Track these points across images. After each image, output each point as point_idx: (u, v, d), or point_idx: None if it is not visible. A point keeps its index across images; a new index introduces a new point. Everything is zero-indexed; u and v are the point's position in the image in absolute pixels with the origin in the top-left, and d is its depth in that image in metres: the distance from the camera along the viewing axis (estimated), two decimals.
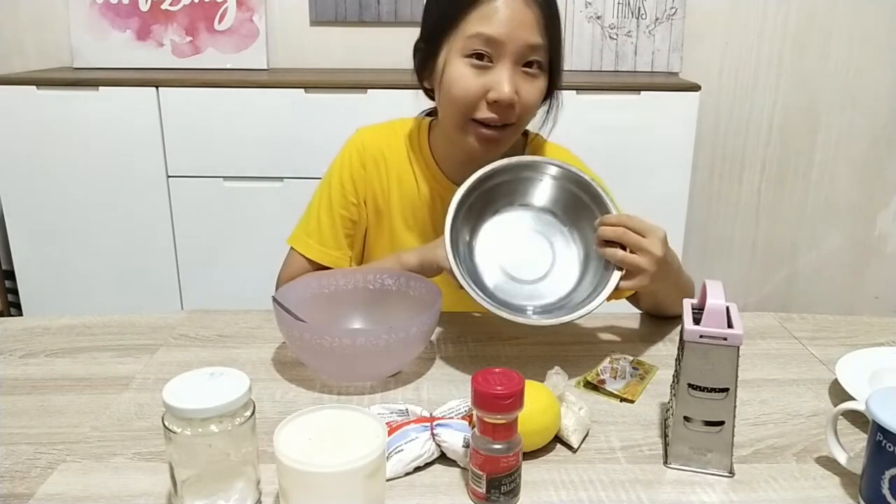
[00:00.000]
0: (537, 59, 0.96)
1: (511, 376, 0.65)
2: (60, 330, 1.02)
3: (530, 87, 0.97)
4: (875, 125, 2.46)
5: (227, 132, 2.01)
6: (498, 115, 0.96)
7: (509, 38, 0.93)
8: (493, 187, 0.97)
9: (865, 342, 1.00)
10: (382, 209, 1.13)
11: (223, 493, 0.63)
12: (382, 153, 1.12)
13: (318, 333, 0.82)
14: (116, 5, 2.25)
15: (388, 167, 1.12)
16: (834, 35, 2.37)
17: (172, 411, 0.60)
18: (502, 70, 0.95)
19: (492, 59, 0.95)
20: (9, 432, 0.77)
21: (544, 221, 0.98)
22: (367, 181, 1.12)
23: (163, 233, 2.08)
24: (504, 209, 0.98)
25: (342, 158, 1.14)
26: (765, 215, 2.55)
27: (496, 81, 0.95)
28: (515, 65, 0.95)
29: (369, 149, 1.12)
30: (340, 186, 1.12)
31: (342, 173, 1.13)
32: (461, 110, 0.98)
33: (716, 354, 0.67)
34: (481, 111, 0.97)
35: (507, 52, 0.94)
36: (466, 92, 0.96)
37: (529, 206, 0.99)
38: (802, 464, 0.73)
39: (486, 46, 0.94)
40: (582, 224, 0.97)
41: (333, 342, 0.81)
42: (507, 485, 0.65)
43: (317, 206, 1.14)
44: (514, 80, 0.95)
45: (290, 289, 0.93)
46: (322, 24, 2.33)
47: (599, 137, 2.01)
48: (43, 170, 2.04)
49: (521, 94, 0.96)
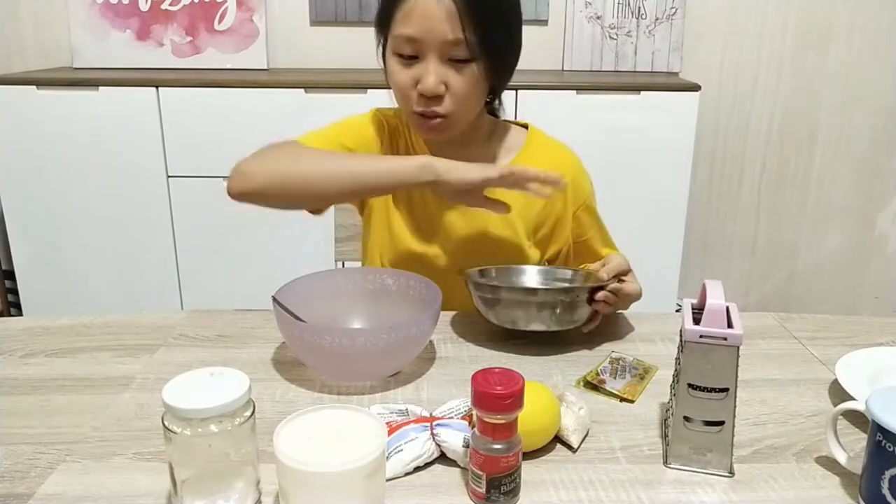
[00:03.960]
0: (459, 51, 0.97)
1: (511, 376, 0.65)
2: (60, 330, 1.02)
3: (459, 77, 0.99)
4: (875, 125, 2.46)
5: (227, 132, 2.01)
6: (427, 109, 1.01)
7: (427, 35, 0.97)
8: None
9: (865, 342, 1.00)
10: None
11: (223, 493, 0.63)
12: (396, 130, 1.15)
13: (318, 333, 0.82)
14: (116, 5, 2.26)
15: (397, 143, 1.15)
16: (834, 35, 2.37)
17: (172, 411, 0.60)
18: (427, 64, 0.98)
19: (417, 55, 0.99)
20: (9, 432, 0.77)
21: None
22: (381, 148, 1.13)
23: (163, 233, 2.08)
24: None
25: (365, 118, 1.14)
26: (765, 215, 2.55)
27: (421, 75, 0.99)
28: (440, 58, 0.98)
29: (389, 122, 1.15)
30: (357, 131, 1.12)
31: (364, 123, 1.13)
32: (402, 102, 1.04)
33: (716, 354, 0.67)
34: (415, 103, 1.01)
35: (427, 47, 0.98)
36: (400, 85, 1.02)
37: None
38: (802, 464, 0.73)
39: (409, 45, 0.98)
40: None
41: (333, 342, 0.81)
42: (507, 485, 0.65)
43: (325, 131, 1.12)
44: (440, 72, 0.98)
45: (290, 289, 0.93)
46: (322, 24, 2.33)
47: (599, 137, 2.01)
48: (43, 170, 2.04)
49: (451, 85, 0.99)
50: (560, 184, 0.94)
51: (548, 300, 0.94)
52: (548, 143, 1.16)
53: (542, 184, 0.93)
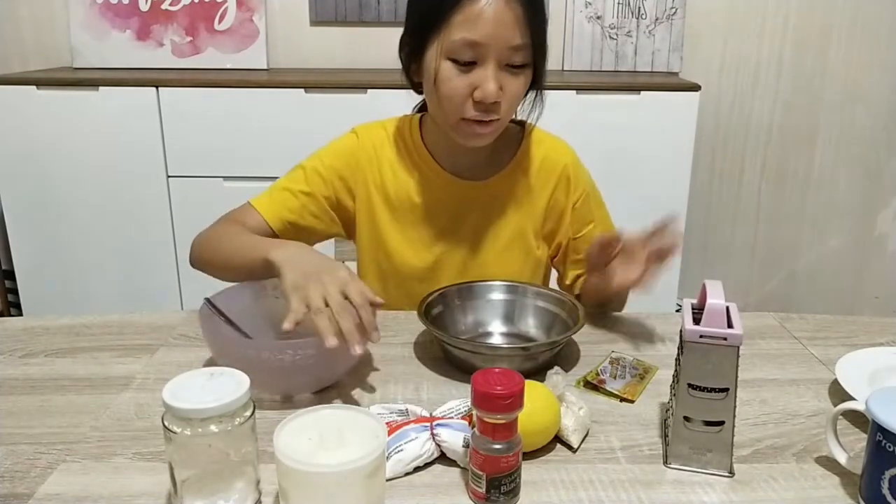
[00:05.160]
0: (521, 56, 0.97)
1: (511, 376, 0.65)
2: (60, 330, 1.02)
3: (514, 82, 0.98)
4: (875, 125, 2.46)
5: (227, 132, 2.01)
6: (484, 112, 0.98)
7: (493, 40, 0.94)
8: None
9: (865, 342, 1.00)
10: (377, 203, 1.13)
11: (223, 493, 0.63)
12: (376, 149, 1.13)
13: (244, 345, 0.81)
14: (116, 5, 2.25)
15: (381, 162, 1.13)
16: (834, 35, 2.37)
17: (172, 411, 0.60)
18: (487, 70, 0.96)
19: (476, 60, 0.96)
20: (9, 432, 0.77)
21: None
22: (357, 179, 1.12)
23: (163, 233, 2.08)
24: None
25: (334, 152, 1.14)
26: (765, 215, 2.55)
27: (481, 81, 0.96)
28: (499, 64, 0.97)
29: (364, 145, 1.13)
30: (320, 176, 1.12)
31: (330, 162, 1.12)
32: (450, 110, 1.00)
33: (716, 354, 0.67)
34: (469, 110, 0.98)
35: (490, 53, 0.95)
36: (454, 92, 0.98)
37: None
38: (802, 464, 0.73)
39: (471, 49, 0.95)
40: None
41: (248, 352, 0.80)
42: (507, 485, 0.65)
43: (287, 178, 1.13)
44: (499, 79, 0.97)
45: (227, 295, 0.92)
46: (322, 24, 2.33)
47: (599, 137, 2.01)
48: (43, 170, 2.04)
49: (506, 90, 0.98)
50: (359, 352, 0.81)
51: (504, 355, 0.91)
52: (544, 138, 1.16)
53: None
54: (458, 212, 1.12)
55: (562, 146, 1.17)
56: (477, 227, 1.13)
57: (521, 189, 1.13)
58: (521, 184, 1.13)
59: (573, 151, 1.17)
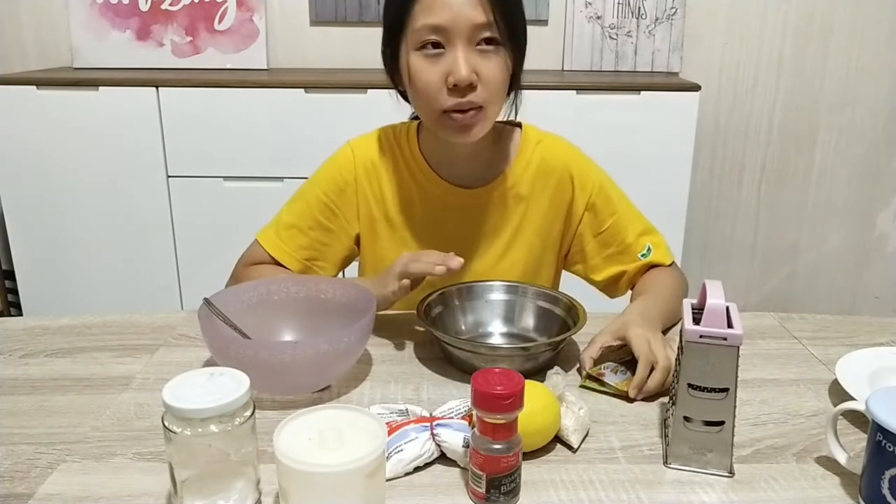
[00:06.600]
0: (489, 35, 0.95)
1: (511, 376, 0.65)
2: (60, 330, 1.02)
3: (489, 63, 0.96)
4: (875, 125, 2.46)
5: (227, 132, 2.01)
6: (462, 99, 0.96)
7: (455, 21, 0.93)
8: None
9: (865, 342, 1.00)
10: (377, 217, 1.12)
11: (223, 493, 0.63)
12: (373, 162, 1.12)
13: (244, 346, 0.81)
14: (116, 5, 2.25)
15: (378, 175, 1.11)
16: (834, 35, 2.37)
17: (172, 411, 0.60)
18: (456, 52, 0.94)
19: (443, 45, 0.95)
20: (9, 432, 0.77)
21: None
22: (357, 194, 1.11)
23: (163, 233, 2.08)
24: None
25: (332, 174, 1.12)
26: (765, 215, 2.55)
27: (451, 65, 0.94)
28: (468, 46, 0.95)
29: (360, 159, 1.12)
30: (323, 204, 1.11)
31: (328, 187, 1.11)
32: (429, 103, 0.98)
33: (716, 354, 0.67)
34: (446, 100, 0.96)
35: (455, 35, 0.94)
36: (428, 83, 0.96)
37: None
38: (802, 464, 0.73)
39: (435, 34, 0.94)
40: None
41: (258, 354, 0.79)
42: (507, 485, 0.65)
43: (291, 212, 1.13)
44: (470, 60, 0.94)
45: (227, 295, 0.92)
46: (322, 24, 2.33)
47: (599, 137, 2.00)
48: (43, 170, 2.04)
49: (482, 73, 0.95)
50: (455, 266, 0.90)
51: (504, 355, 0.90)
52: (541, 139, 1.14)
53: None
54: (457, 221, 1.11)
55: (560, 144, 1.15)
56: (477, 234, 1.11)
57: (522, 192, 1.11)
58: (521, 187, 1.11)
59: (574, 148, 1.15)
